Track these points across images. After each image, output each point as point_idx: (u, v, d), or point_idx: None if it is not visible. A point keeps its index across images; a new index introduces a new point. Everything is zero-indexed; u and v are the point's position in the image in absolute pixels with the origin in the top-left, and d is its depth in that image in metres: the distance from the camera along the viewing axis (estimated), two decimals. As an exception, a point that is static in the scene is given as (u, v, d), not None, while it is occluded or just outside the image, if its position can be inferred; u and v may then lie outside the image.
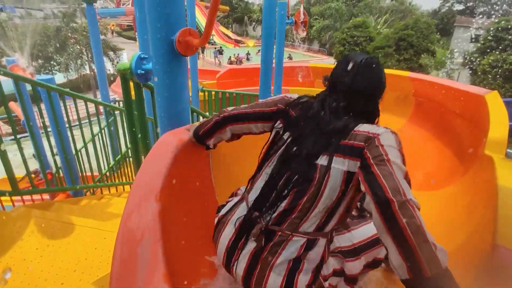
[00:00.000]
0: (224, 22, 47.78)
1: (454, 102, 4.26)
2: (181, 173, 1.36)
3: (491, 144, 2.34)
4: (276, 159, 1.08)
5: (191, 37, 1.38)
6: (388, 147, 0.90)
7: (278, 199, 1.01)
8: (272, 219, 1.01)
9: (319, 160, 0.97)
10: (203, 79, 12.57)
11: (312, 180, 0.96)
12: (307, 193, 0.97)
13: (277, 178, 1.04)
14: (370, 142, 0.92)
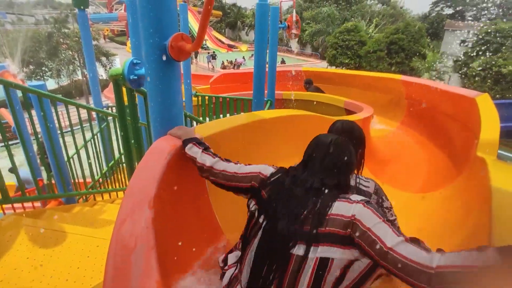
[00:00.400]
0: (217, 27, 47.96)
1: (445, 104, 4.32)
2: (174, 179, 1.34)
3: (483, 146, 2.36)
4: (256, 245, 1.07)
5: (184, 42, 1.38)
6: (374, 227, 0.89)
7: (265, 286, 1.02)
8: None
9: (295, 250, 0.96)
10: (196, 84, 12.54)
11: (286, 271, 0.96)
12: (284, 283, 0.97)
13: (260, 265, 1.05)
14: (353, 227, 0.92)
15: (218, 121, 1.77)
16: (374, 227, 0.88)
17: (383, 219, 0.91)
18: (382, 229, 0.88)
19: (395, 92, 5.90)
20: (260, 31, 4.17)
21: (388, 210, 1.41)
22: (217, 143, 1.59)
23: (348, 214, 0.94)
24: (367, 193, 1.42)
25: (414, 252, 0.80)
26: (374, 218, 0.91)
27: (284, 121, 2.05)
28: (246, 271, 1.08)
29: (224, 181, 1.29)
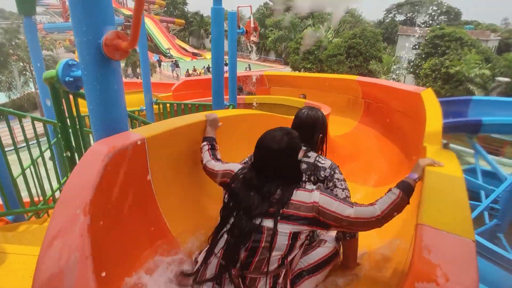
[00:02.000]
0: (181, 35, 47.43)
1: (396, 101, 4.55)
2: (114, 182, 1.27)
3: (428, 137, 2.50)
4: (230, 225, 1.29)
5: (120, 40, 1.32)
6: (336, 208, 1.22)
7: (239, 256, 1.23)
8: (241, 267, 1.23)
9: (264, 222, 1.22)
10: (160, 92, 12.28)
11: (260, 241, 1.20)
12: (258, 251, 1.21)
13: (234, 242, 1.25)
14: (319, 212, 1.23)
15: (162, 122, 1.71)
16: (336, 209, 1.22)
17: (338, 200, 1.25)
18: (340, 207, 1.22)
19: (352, 92, 6.13)
20: (216, 35, 4.16)
21: (339, 180, 1.61)
22: (161, 145, 1.54)
23: (310, 201, 1.24)
24: (323, 168, 1.61)
25: (365, 211, 1.20)
26: (332, 202, 1.23)
27: (234, 120, 2.04)
28: (220, 245, 1.29)
29: (213, 177, 1.58)
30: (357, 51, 23.33)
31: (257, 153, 1.38)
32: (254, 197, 1.27)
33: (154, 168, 1.48)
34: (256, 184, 1.31)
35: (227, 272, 1.23)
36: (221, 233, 1.30)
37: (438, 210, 1.02)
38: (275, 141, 1.32)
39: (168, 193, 1.59)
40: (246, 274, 1.22)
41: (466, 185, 1.25)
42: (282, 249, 1.20)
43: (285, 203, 1.23)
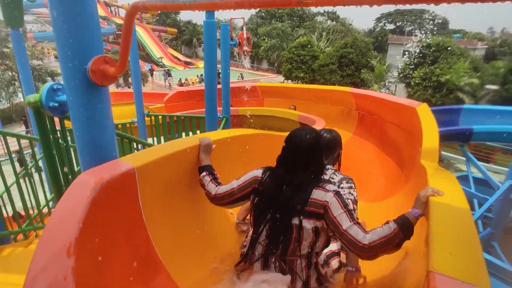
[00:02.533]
0: (173, 44, 47.49)
1: (391, 114, 4.54)
2: (102, 218, 1.19)
3: (425, 154, 2.47)
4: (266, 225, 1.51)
5: (108, 65, 1.26)
6: (338, 216, 1.37)
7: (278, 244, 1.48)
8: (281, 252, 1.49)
9: (294, 220, 1.43)
10: (153, 102, 12.15)
11: (292, 235, 1.44)
12: (291, 241, 1.45)
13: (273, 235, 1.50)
14: (326, 211, 1.40)
15: (153, 148, 1.63)
16: (338, 216, 1.37)
17: (345, 210, 1.37)
18: (343, 217, 1.36)
19: (346, 103, 6.13)
20: (209, 48, 4.12)
21: (342, 189, 1.86)
22: (152, 173, 1.46)
23: (323, 199, 1.41)
24: (333, 183, 1.75)
25: (356, 233, 1.31)
26: (339, 208, 1.38)
27: (229, 142, 1.97)
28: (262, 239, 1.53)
29: (230, 198, 1.63)
30: (348, 60, 23.60)
31: (287, 150, 1.55)
32: (287, 190, 1.48)
33: (145, 198, 1.40)
34: (287, 178, 1.50)
35: (271, 255, 1.50)
36: (261, 227, 1.52)
37: (450, 253, 0.96)
38: (305, 138, 1.50)
39: (161, 224, 1.50)
40: (285, 257, 1.49)
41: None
42: (309, 239, 1.44)
43: (306, 202, 1.42)
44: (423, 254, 1.04)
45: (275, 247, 1.48)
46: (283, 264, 1.49)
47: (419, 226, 1.24)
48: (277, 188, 1.49)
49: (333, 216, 1.36)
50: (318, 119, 4.77)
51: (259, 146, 2.38)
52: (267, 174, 1.57)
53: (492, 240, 6.94)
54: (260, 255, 1.52)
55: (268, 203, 1.50)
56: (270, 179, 1.54)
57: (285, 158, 1.54)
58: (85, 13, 1.21)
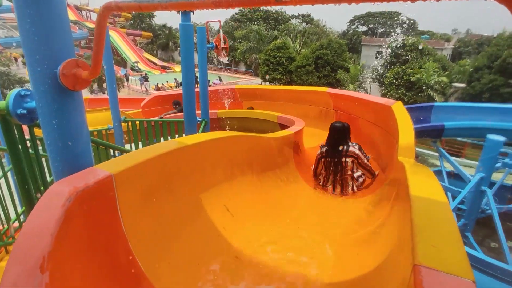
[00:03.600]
0: (149, 48, 46.63)
1: (367, 113, 4.66)
2: (78, 229, 1.13)
3: (403, 150, 2.53)
4: (327, 167, 3.56)
5: (80, 68, 1.20)
6: (362, 159, 3.47)
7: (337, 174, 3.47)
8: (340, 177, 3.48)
9: (343, 159, 3.43)
10: (129, 108, 11.84)
11: (344, 170, 3.44)
12: (342, 171, 3.45)
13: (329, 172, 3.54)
14: (356, 157, 3.44)
15: (131, 154, 1.57)
16: (362, 159, 3.43)
17: (365, 156, 3.48)
18: (364, 160, 3.45)
19: (324, 103, 6.23)
20: (185, 51, 4.07)
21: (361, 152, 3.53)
22: (131, 180, 1.41)
23: (353, 152, 3.43)
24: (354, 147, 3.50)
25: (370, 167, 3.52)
26: (362, 156, 3.44)
27: (209, 145, 1.94)
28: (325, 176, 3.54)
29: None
30: (324, 62, 24.07)
31: (332, 134, 3.55)
32: (336, 151, 3.44)
33: (124, 207, 1.34)
34: (335, 147, 3.47)
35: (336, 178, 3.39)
36: (328, 172, 3.50)
37: (433, 247, 0.98)
38: (340, 126, 3.54)
39: (143, 233, 1.45)
40: (343, 179, 3.38)
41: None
42: (349, 168, 3.32)
43: (347, 151, 3.38)
44: (408, 248, 1.06)
45: (335, 175, 3.40)
46: (342, 182, 3.40)
47: (402, 221, 1.27)
48: (332, 151, 3.46)
49: (360, 159, 3.39)
50: (297, 119, 4.82)
51: (239, 148, 2.37)
52: (325, 148, 3.58)
53: (466, 231, 7.25)
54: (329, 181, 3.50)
55: (330, 158, 3.48)
56: (328, 147, 3.54)
57: (331, 138, 3.54)
58: (54, 14, 1.15)
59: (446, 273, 0.87)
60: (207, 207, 1.86)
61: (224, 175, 1.72)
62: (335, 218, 2.58)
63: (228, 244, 1.83)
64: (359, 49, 37.11)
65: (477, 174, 6.62)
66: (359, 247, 1.82)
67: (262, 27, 36.40)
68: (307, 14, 43.76)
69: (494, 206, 6.60)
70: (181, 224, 1.67)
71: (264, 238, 2.06)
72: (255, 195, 2.45)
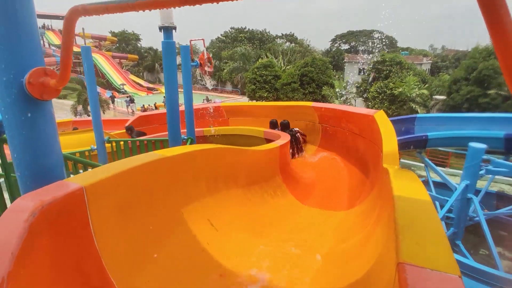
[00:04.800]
0: (135, 70, 46.77)
1: (351, 124, 4.71)
2: (44, 246, 1.05)
3: (387, 157, 2.53)
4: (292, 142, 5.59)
5: (48, 77, 1.15)
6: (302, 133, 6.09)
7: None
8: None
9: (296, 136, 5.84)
10: (114, 129, 11.66)
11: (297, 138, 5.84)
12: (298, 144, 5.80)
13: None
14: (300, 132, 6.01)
15: (106, 166, 1.50)
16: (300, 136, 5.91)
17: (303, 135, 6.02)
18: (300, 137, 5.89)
19: (309, 117, 6.28)
20: (168, 69, 4.06)
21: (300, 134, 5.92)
22: (105, 192, 1.34)
23: (299, 130, 5.91)
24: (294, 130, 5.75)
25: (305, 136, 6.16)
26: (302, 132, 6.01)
27: (189, 157, 1.89)
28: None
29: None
30: (309, 79, 24.56)
31: (283, 126, 5.98)
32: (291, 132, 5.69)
33: (97, 222, 1.27)
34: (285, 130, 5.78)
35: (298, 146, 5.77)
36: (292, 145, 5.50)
37: (417, 244, 0.95)
38: (286, 122, 6.01)
39: (118, 250, 1.36)
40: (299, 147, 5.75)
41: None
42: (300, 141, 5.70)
43: (297, 131, 5.79)
44: (393, 248, 1.02)
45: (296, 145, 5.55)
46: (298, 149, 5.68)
47: (388, 224, 1.23)
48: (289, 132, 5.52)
49: (301, 132, 5.80)
50: (282, 133, 4.83)
51: (223, 161, 2.32)
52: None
53: (456, 239, 7.26)
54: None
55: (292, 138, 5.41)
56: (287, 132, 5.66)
57: (284, 127, 5.86)
58: (20, 20, 1.12)
59: (431, 270, 0.83)
60: (190, 221, 1.79)
61: (208, 188, 1.67)
62: (324, 232, 2.53)
63: (213, 260, 1.75)
64: (343, 66, 38.17)
65: (462, 182, 6.71)
66: (348, 258, 1.76)
67: (248, 47, 37.15)
68: (290, 34, 45.04)
69: (482, 213, 6.67)
70: (161, 240, 1.59)
71: (251, 254, 1.98)
72: (241, 209, 2.39)
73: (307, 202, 3.56)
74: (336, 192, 4.10)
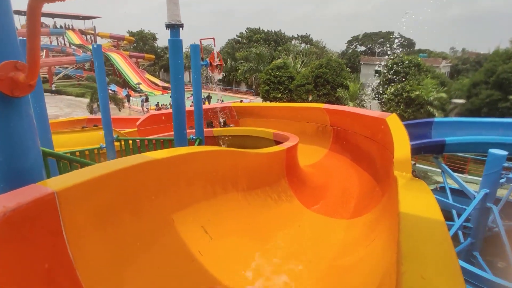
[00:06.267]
0: (151, 70, 47.42)
1: (363, 127, 4.51)
2: (6, 257, 0.95)
3: (398, 164, 2.36)
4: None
5: (19, 72, 1.06)
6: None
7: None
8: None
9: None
10: (127, 127, 11.77)
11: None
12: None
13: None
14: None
15: (86, 169, 1.39)
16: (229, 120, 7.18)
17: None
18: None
19: (320, 120, 6.10)
20: (175, 67, 3.98)
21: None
22: (84, 198, 1.24)
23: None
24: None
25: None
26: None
27: (183, 160, 1.77)
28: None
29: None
30: (324, 80, 24.22)
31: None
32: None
33: (72, 230, 1.16)
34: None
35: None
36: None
37: (422, 278, 0.79)
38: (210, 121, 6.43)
39: (96, 260, 1.26)
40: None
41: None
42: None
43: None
44: (394, 279, 0.87)
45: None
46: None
47: (390, 243, 1.08)
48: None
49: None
50: (291, 135, 4.67)
51: (221, 163, 2.20)
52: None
53: (474, 250, 6.91)
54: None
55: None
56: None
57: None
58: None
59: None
60: (181, 228, 1.67)
61: (203, 193, 1.55)
62: (327, 242, 2.37)
63: (203, 271, 1.63)
64: (359, 68, 37.54)
65: (482, 190, 6.38)
66: (351, 274, 1.61)
67: (264, 48, 37.02)
68: (306, 35, 44.65)
69: (501, 223, 6.32)
70: (147, 248, 1.48)
71: (248, 265, 1.86)
72: (240, 215, 2.26)
73: (314, 208, 3.40)
74: (344, 198, 3.92)
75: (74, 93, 35.66)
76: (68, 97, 34.96)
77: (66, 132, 10.78)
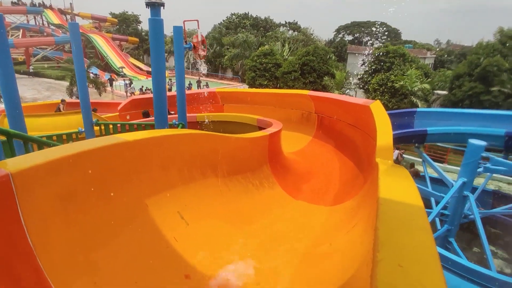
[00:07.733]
0: (135, 53, 45.98)
1: (347, 114, 4.50)
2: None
3: (380, 151, 2.35)
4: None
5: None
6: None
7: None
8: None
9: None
10: (108, 112, 11.43)
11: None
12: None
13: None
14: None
15: (50, 149, 1.28)
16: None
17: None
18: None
19: (305, 107, 6.07)
20: (155, 48, 3.81)
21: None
22: (46, 181, 1.14)
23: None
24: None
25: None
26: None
27: (157, 143, 1.69)
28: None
29: None
30: (310, 68, 24.15)
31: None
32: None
33: (31, 213, 1.07)
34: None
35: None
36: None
37: (399, 267, 0.75)
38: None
39: (59, 245, 1.17)
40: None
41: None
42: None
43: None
44: (370, 267, 0.83)
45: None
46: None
47: (368, 229, 1.05)
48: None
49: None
50: (275, 121, 4.62)
51: (199, 148, 2.13)
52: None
53: (450, 236, 7.16)
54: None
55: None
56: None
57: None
58: None
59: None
60: (155, 214, 1.60)
61: (180, 177, 1.48)
62: (308, 228, 2.36)
63: (178, 258, 1.57)
64: (345, 57, 37.60)
65: (459, 179, 6.56)
66: (328, 261, 1.59)
67: (250, 33, 36.43)
68: (294, 22, 44.17)
69: (477, 211, 6.54)
70: (117, 235, 1.40)
71: (226, 252, 1.81)
72: (219, 200, 2.21)
73: (296, 195, 3.38)
74: (327, 185, 3.93)
75: (54, 75, 34.26)
76: (47, 79, 33.59)
77: (44, 115, 10.35)
